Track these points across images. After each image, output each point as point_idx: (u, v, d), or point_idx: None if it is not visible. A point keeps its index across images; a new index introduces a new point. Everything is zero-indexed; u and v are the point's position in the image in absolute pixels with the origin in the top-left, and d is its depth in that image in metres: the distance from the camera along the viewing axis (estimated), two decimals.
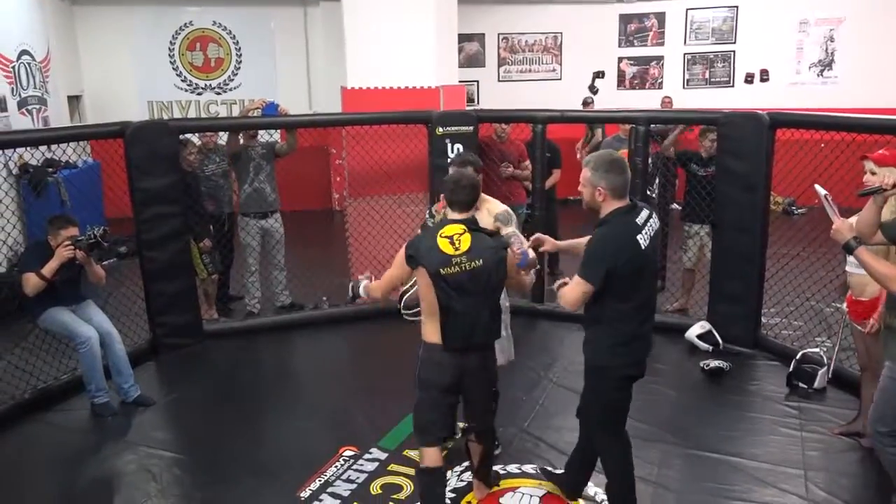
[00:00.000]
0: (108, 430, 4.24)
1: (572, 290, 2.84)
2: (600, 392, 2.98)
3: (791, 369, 4.56)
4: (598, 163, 2.85)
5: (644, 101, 10.33)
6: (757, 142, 4.87)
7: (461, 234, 2.93)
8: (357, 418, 4.24)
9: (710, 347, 5.13)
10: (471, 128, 5.81)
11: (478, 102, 10.74)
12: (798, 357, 4.58)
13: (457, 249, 2.90)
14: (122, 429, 4.24)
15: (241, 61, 10.43)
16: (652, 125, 5.51)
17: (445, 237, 2.92)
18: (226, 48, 10.40)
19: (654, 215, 2.93)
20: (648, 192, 5.70)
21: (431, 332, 2.98)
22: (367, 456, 3.83)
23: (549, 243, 3.24)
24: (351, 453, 3.86)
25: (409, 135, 5.83)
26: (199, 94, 10.38)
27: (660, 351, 5.30)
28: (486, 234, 3.01)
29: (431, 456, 3.07)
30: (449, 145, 5.74)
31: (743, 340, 5.13)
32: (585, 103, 9.66)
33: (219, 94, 10.43)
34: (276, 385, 4.85)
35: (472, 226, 2.98)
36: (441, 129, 5.72)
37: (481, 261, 2.92)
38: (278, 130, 6.21)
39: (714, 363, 4.80)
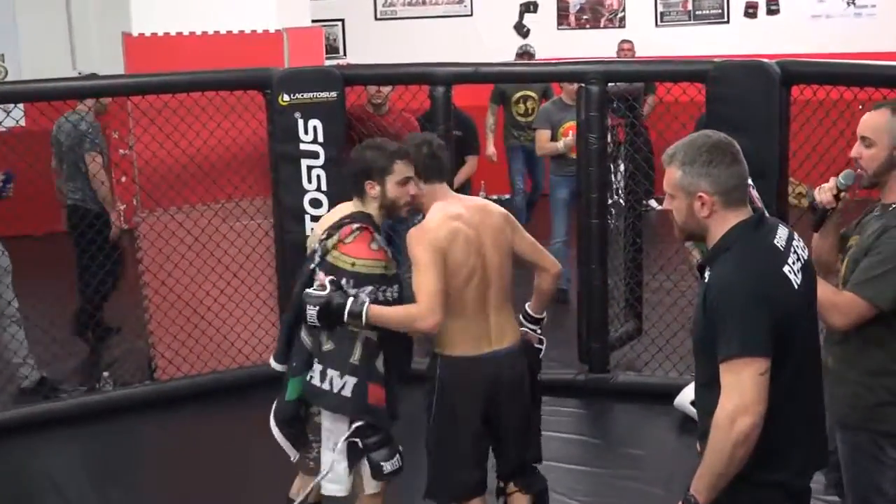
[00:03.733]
0: None
1: (736, 390, 2.39)
2: None
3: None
4: (688, 152, 2.52)
5: (598, 47, 10.35)
6: (764, 105, 4.99)
7: None
8: None
9: None
10: (334, 94, 5.74)
11: (344, 54, 10.92)
12: None
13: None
14: None
15: None
16: (610, 83, 5.52)
17: None
18: None
19: (795, 234, 2.65)
20: (614, 184, 5.90)
21: (459, 337, 3.26)
22: None
23: None
24: None
25: (235, 107, 5.76)
26: None
27: (640, 427, 5.55)
28: None
29: None
30: (300, 122, 5.66)
31: None
32: (528, 55, 9.49)
33: None
34: None
35: None
36: (287, 98, 5.64)
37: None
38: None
39: None
